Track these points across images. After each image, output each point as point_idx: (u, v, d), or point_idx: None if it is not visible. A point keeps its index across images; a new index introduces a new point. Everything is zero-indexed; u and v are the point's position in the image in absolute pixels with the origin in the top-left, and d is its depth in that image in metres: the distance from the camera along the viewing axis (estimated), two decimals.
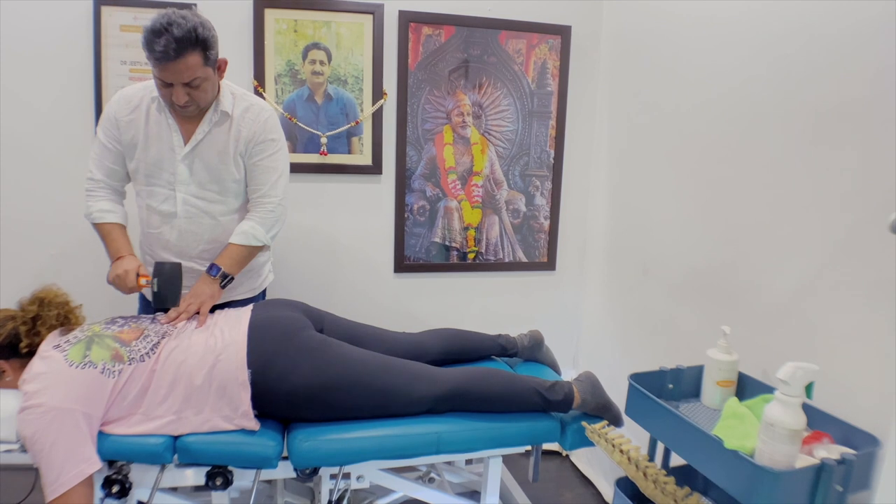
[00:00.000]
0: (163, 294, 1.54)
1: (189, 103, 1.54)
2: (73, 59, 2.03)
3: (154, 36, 1.43)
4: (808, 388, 1.11)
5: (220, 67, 1.59)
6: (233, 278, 1.68)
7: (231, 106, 1.64)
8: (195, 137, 1.62)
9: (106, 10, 2.01)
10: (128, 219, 1.73)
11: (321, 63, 2.18)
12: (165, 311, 1.58)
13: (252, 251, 1.72)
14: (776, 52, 1.45)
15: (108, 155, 1.66)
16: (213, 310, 1.63)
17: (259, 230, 1.69)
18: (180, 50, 1.44)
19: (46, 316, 1.44)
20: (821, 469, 1.06)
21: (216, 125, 1.64)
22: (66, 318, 1.47)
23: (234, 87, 1.70)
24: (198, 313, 1.58)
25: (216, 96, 1.62)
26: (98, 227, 1.67)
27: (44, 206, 2.09)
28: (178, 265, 1.58)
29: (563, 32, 2.33)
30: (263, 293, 1.95)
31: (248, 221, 1.70)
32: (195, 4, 2.04)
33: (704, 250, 1.72)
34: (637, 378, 1.43)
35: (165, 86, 1.51)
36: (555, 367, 1.92)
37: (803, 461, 1.10)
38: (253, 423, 1.41)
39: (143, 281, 1.57)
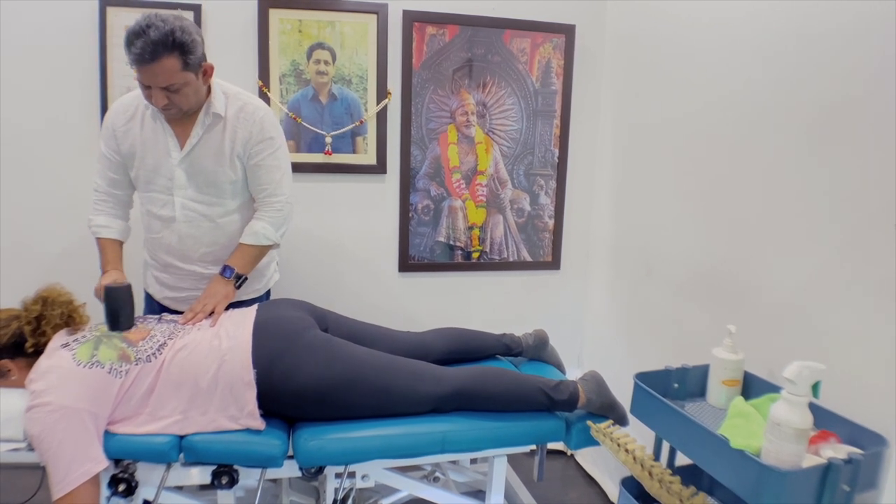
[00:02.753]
0: (110, 316, 1.48)
1: (169, 106, 1.53)
2: (79, 59, 2.04)
3: (133, 37, 1.42)
4: (815, 387, 1.11)
5: (205, 72, 1.56)
6: (246, 278, 1.70)
7: (223, 107, 1.63)
8: (190, 142, 1.62)
9: (111, 11, 2.01)
10: (129, 231, 1.76)
11: (325, 63, 2.18)
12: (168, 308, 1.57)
13: (263, 250, 1.73)
14: (781, 51, 1.45)
15: (110, 165, 1.68)
16: None
17: (269, 230, 1.70)
18: (156, 53, 1.43)
19: (50, 315, 1.44)
20: (828, 469, 1.06)
21: (209, 128, 1.63)
22: (70, 318, 1.47)
23: (228, 86, 1.68)
24: (212, 313, 1.59)
25: (206, 99, 1.61)
26: (96, 239, 1.71)
27: (48, 206, 2.10)
28: (128, 287, 1.51)
29: (567, 32, 2.33)
30: (268, 293, 1.96)
31: (259, 221, 1.71)
32: (200, 5, 2.05)
33: (709, 249, 1.72)
34: (642, 377, 1.43)
35: (145, 87, 1.51)
36: (560, 367, 1.92)
37: (810, 461, 1.09)
38: (258, 423, 1.42)
39: None
